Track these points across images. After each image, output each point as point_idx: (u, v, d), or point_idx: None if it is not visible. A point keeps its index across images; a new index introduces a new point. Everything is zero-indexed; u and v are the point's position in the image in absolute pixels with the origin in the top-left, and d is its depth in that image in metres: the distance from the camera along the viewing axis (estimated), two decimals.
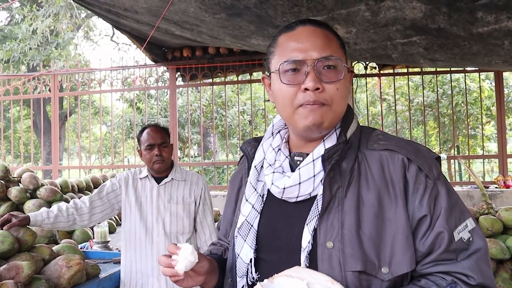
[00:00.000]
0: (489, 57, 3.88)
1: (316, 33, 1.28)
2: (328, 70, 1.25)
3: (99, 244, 4.02)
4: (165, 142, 3.27)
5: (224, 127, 8.68)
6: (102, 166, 9.18)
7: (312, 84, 1.22)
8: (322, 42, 1.27)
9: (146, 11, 4.82)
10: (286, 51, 1.29)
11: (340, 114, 1.30)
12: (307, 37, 1.28)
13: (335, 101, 1.25)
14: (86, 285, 2.88)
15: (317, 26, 1.30)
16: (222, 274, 1.44)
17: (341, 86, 1.26)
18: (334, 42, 1.30)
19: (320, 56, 1.25)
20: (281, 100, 1.30)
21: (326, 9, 3.53)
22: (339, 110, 1.28)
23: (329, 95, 1.24)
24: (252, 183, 1.39)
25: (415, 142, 1.34)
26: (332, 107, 1.25)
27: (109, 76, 8.18)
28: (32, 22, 15.32)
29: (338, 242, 1.19)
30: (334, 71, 1.25)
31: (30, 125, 16.28)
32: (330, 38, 1.29)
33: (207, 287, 1.42)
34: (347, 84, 1.29)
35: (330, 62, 1.25)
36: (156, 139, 3.23)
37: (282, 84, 1.28)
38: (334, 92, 1.25)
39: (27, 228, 2.85)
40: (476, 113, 12.44)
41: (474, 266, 1.18)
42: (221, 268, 1.45)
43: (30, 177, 4.53)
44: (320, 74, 1.24)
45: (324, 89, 1.24)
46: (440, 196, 1.23)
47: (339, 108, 1.27)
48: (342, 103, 1.28)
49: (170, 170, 3.33)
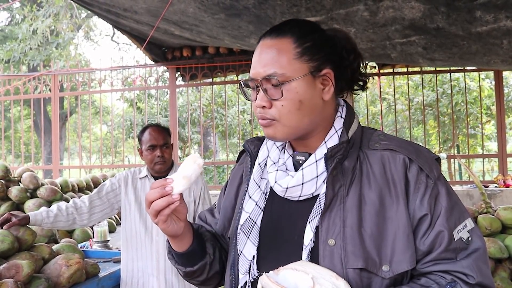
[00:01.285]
0: (488, 56, 3.89)
1: (268, 48, 1.29)
2: (273, 87, 1.26)
3: (99, 244, 4.03)
4: (167, 143, 3.26)
5: (224, 126, 8.67)
6: (103, 166, 9.18)
7: (258, 102, 1.28)
8: (269, 58, 1.27)
9: (145, 11, 4.83)
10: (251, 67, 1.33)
11: (297, 127, 1.29)
12: (260, 53, 1.30)
13: (282, 117, 1.27)
14: (85, 284, 2.89)
15: (273, 38, 1.30)
16: (196, 241, 1.41)
17: (286, 102, 1.26)
18: (285, 55, 1.27)
19: (264, 75, 1.27)
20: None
21: (325, 9, 3.54)
22: (290, 124, 1.28)
23: (275, 111, 1.27)
24: (256, 181, 1.40)
25: (416, 143, 1.35)
26: (281, 122, 1.28)
27: (109, 76, 8.19)
28: (33, 22, 15.35)
29: (339, 239, 1.21)
30: (277, 89, 1.26)
31: (30, 125, 16.29)
32: (281, 51, 1.27)
33: (178, 247, 1.39)
34: (299, 97, 1.27)
35: (271, 82, 1.26)
36: (159, 140, 3.22)
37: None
38: (279, 109, 1.27)
39: (27, 228, 2.86)
40: (476, 113, 12.42)
41: (473, 266, 1.19)
42: (196, 235, 1.42)
43: (30, 176, 4.54)
44: (268, 91, 1.27)
45: (272, 106, 1.27)
46: (440, 196, 1.24)
47: (289, 122, 1.28)
48: (292, 118, 1.27)
49: (170, 169, 3.33)
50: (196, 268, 1.42)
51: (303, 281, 1.12)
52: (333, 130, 1.33)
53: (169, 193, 1.21)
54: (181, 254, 1.40)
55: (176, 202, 1.22)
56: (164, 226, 1.28)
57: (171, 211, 1.23)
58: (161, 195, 1.21)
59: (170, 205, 1.22)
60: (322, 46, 1.31)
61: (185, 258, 1.41)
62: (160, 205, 1.21)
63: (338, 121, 1.35)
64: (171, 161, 3.34)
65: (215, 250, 1.47)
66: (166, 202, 1.21)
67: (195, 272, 1.44)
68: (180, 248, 1.39)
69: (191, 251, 1.40)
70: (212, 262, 1.45)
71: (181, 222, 1.31)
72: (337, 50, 1.35)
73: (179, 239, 1.36)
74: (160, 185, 1.23)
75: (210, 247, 1.46)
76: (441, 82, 11.96)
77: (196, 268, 1.42)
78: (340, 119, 1.35)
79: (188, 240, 1.38)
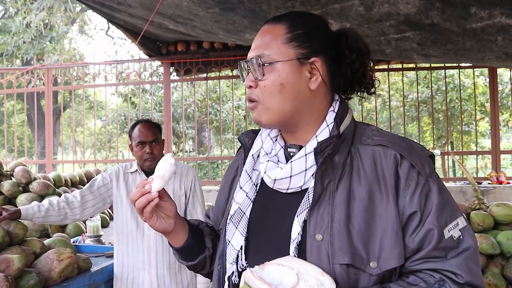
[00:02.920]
0: (483, 53, 3.89)
1: (262, 33, 1.36)
2: (258, 68, 1.31)
3: (91, 238, 4.01)
4: (156, 139, 3.24)
5: (219, 122, 8.66)
6: (96, 161, 9.14)
7: (246, 82, 1.35)
8: (261, 42, 1.34)
9: (139, 4, 4.80)
10: None
11: (279, 110, 1.32)
12: (256, 38, 1.36)
13: (265, 98, 1.31)
14: (77, 278, 2.88)
15: (270, 24, 1.36)
16: (192, 237, 1.46)
17: (268, 83, 1.30)
18: (275, 39, 1.32)
19: (252, 55, 1.33)
20: None
21: (320, 3, 3.53)
22: (272, 107, 1.31)
23: (257, 92, 1.32)
24: (248, 172, 1.41)
25: (410, 139, 1.34)
26: (264, 104, 1.32)
27: (103, 71, 8.16)
28: (26, 16, 15.27)
29: (327, 234, 1.20)
30: (261, 69, 1.31)
31: (24, 119, 16.23)
32: (273, 34, 1.33)
33: (174, 242, 1.45)
34: (280, 80, 1.30)
35: (257, 62, 1.31)
36: (148, 136, 3.20)
37: None
38: (262, 90, 1.31)
39: (18, 222, 2.84)
40: (470, 109, 12.48)
41: (463, 265, 1.18)
42: (191, 231, 1.47)
43: (23, 171, 4.52)
44: (254, 72, 1.32)
45: (257, 86, 1.32)
46: (431, 194, 1.23)
47: (270, 104, 1.31)
48: (273, 100, 1.31)
49: None
50: (197, 262, 1.49)
51: (288, 276, 1.11)
52: (324, 124, 1.33)
53: (148, 191, 1.29)
54: (178, 249, 1.46)
55: (155, 199, 1.29)
56: (151, 223, 1.35)
57: (152, 207, 1.30)
58: (142, 194, 1.29)
59: (150, 202, 1.29)
60: (316, 36, 1.33)
61: (184, 252, 1.47)
62: (142, 203, 1.29)
63: (330, 115, 1.34)
64: (161, 156, 3.33)
65: (215, 244, 1.51)
66: (146, 200, 1.29)
67: (197, 266, 1.50)
68: (176, 244, 1.45)
69: (187, 246, 1.45)
70: (211, 255, 1.50)
71: (170, 219, 1.37)
72: (340, 47, 1.36)
73: (173, 235, 1.42)
74: (141, 184, 1.31)
75: (209, 241, 1.51)
76: (435, 79, 11.99)
77: (197, 262, 1.49)
78: (332, 113, 1.35)
79: (183, 236, 1.44)
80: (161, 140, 3.31)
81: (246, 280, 1.11)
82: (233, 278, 1.33)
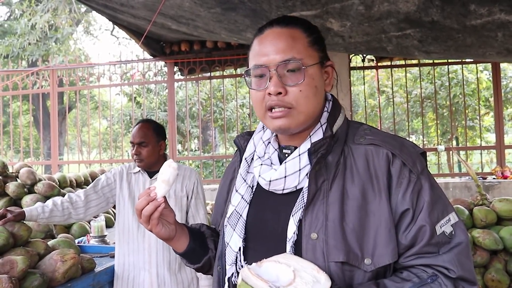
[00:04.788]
0: (483, 49, 3.88)
1: (280, 36, 1.31)
2: (291, 73, 1.28)
3: (96, 239, 4.03)
4: (144, 141, 3.20)
5: (224, 120, 8.68)
6: (102, 161, 9.16)
7: (273, 89, 1.27)
8: (285, 44, 1.29)
9: (142, 6, 4.82)
10: (254, 55, 1.34)
11: (310, 113, 1.32)
12: (271, 41, 1.31)
13: (299, 103, 1.29)
14: (81, 279, 2.90)
15: (283, 27, 1.33)
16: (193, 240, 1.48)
17: (304, 87, 1.28)
18: (299, 42, 1.31)
19: (281, 60, 1.28)
20: (254, 103, 1.36)
21: (320, 3, 3.53)
22: (306, 111, 1.30)
23: (292, 97, 1.28)
24: (242, 175, 1.43)
25: (401, 137, 1.36)
26: (297, 109, 1.29)
27: (108, 71, 8.19)
28: (31, 17, 15.33)
29: (322, 233, 1.23)
30: (296, 73, 1.28)
31: (30, 120, 16.30)
32: (295, 38, 1.31)
33: (177, 247, 1.47)
34: (315, 83, 1.31)
35: (290, 66, 1.28)
36: (135, 138, 3.20)
37: (251, 89, 1.34)
38: (297, 94, 1.28)
39: (22, 223, 2.87)
40: (474, 105, 12.43)
41: (455, 260, 1.21)
42: (192, 233, 1.49)
43: (28, 172, 4.54)
44: (283, 77, 1.28)
45: (287, 92, 1.28)
46: (423, 191, 1.25)
47: (305, 108, 1.30)
48: (309, 103, 1.30)
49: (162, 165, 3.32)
50: (202, 264, 1.52)
51: (285, 273, 1.14)
52: (318, 125, 1.35)
53: (154, 198, 1.30)
54: (183, 254, 1.48)
55: (162, 204, 1.30)
56: (157, 230, 1.36)
57: (159, 213, 1.32)
58: (148, 201, 1.31)
59: (157, 208, 1.30)
60: (323, 40, 1.38)
61: (188, 256, 1.50)
62: (149, 210, 1.31)
63: (324, 116, 1.37)
64: (164, 155, 3.33)
65: (217, 245, 1.52)
66: (153, 206, 1.30)
67: (203, 267, 1.53)
68: (180, 249, 1.47)
69: (190, 250, 1.47)
70: (215, 256, 1.51)
71: (172, 225, 1.40)
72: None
73: (175, 240, 1.44)
74: (145, 193, 1.32)
75: (212, 242, 1.54)
76: (439, 75, 11.97)
77: (203, 264, 1.52)
78: (326, 113, 1.37)
79: (185, 240, 1.46)
80: (157, 142, 3.27)
81: (243, 278, 1.13)
82: (233, 279, 1.35)
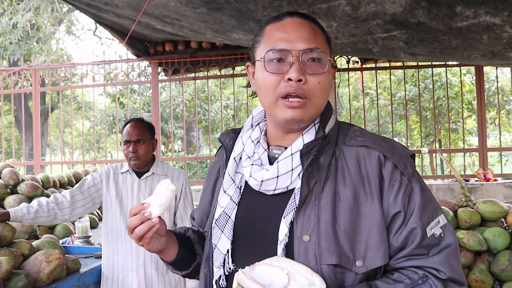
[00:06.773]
0: (468, 51, 3.92)
1: (303, 25, 1.30)
2: (313, 62, 1.26)
3: (80, 239, 3.99)
4: (141, 139, 3.21)
5: (208, 121, 8.66)
6: (85, 162, 9.08)
7: (295, 74, 1.24)
8: (309, 34, 1.28)
9: (126, 5, 4.78)
10: (272, 40, 1.30)
11: (320, 107, 1.31)
12: (294, 28, 1.29)
13: (316, 94, 1.27)
14: (66, 280, 2.87)
15: (304, 19, 1.32)
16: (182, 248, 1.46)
17: (323, 80, 1.27)
18: (320, 35, 1.31)
19: (306, 47, 1.26)
20: (264, 88, 1.30)
21: (307, 3, 3.53)
22: (319, 104, 1.30)
23: (310, 87, 1.25)
24: (231, 175, 1.40)
25: (391, 140, 1.36)
26: (313, 100, 1.27)
27: (91, 71, 8.12)
28: (12, 16, 15.14)
29: (314, 236, 1.22)
30: (318, 63, 1.27)
31: (11, 120, 16.10)
32: (316, 31, 1.31)
33: (166, 257, 1.44)
34: (329, 79, 1.31)
35: (315, 55, 1.27)
36: (132, 135, 3.19)
37: (266, 73, 1.28)
38: (315, 85, 1.26)
39: (6, 224, 2.83)
40: (457, 107, 12.56)
41: (445, 261, 1.22)
42: (180, 241, 1.47)
43: (11, 172, 4.48)
44: (304, 66, 1.25)
45: (306, 81, 1.25)
46: (414, 193, 1.26)
47: (319, 101, 1.29)
48: (323, 97, 1.30)
49: (152, 164, 3.32)
50: (191, 270, 1.51)
51: (279, 276, 1.13)
52: (311, 124, 1.34)
53: (148, 218, 1.26)
54: (172, 263, 1.46)
55: (156, 225, 1.26)
56: (149, 247, 1.33)
57: (153, 233, 1.28)
58: (142, 221, 1.26)
59: (151, 228, 1.26)
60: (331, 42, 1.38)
61: (177, 265, 1.48)
62: (143, 230, 1.26)
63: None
64: (152, 156, 3.32)
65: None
66: (147, 227, 1.26)
67: (191, 273, 1.52)
68: (169, 258, 1.45)
69: (179, 258, 1.45)
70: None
71: (163, 237, 1.37)
72: None
73: (165, 251, 1.42)
74: (138, 210, 1.27)
75: (199, 247, 1.52)
76: (423, 77, 12.05)
77: (191, 270, 1.51)
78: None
79: (174, 249, 1.44)
80: (151, 140, 3.29)
81: (239, 281, 1.11)
82: (220, 282, 1.33)
